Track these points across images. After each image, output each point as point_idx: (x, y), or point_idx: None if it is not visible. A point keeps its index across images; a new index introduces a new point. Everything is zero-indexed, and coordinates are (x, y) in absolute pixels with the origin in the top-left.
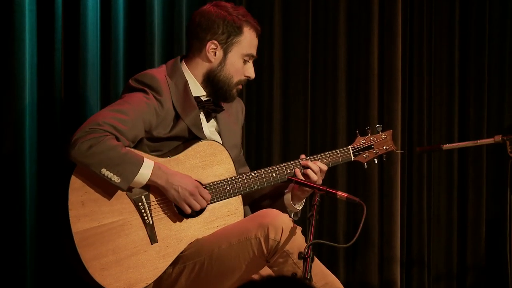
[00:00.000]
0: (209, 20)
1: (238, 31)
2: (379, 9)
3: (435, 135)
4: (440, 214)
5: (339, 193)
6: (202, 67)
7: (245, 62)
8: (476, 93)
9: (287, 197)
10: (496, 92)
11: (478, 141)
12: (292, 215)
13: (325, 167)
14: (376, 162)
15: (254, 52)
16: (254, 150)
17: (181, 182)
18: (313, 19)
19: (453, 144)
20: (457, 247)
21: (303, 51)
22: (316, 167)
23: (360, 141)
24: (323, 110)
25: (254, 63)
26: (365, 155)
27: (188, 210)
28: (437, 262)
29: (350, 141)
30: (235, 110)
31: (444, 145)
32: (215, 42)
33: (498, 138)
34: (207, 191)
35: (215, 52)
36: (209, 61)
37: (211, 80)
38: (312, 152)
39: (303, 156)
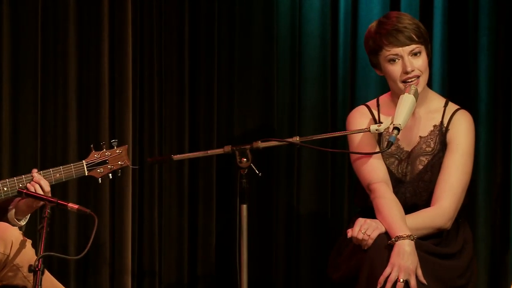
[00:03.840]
0: None
1: None
2: (109, 21)
3: (166, 146)
4: (171, 225)
5: (70, 204)
6: None
7: None
8: (206, 104)
9: (11, 213)
10: (225, 104)
11: (208, 152)
12: None
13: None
14: (110, 177)
15: None
16: None
17: None
18: (42, 30)
19: (184, 155)
20: (188, 257)
21: (33, 62)
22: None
23: (95, 156)
24: (53, 121)
25: None
26: (100, 170)
27: None
28: (168, 273)
29: (81, 152)
30: None
31: (175, 156)
32: None
33: (227, 148)
34: None
35: None
36: None
37: None
38: (43, 164)
39: (35, 170)
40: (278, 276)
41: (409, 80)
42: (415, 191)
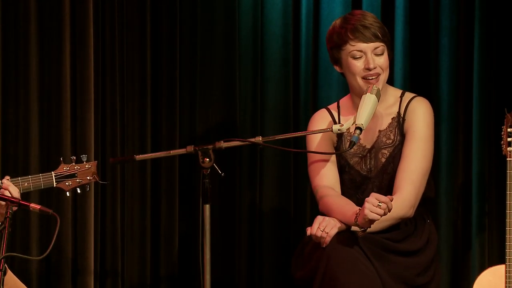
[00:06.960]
0: None
1: None
2: (70, 20)
3: (128, 146)
4: (134, 225)
5: (32, 205)
6: None
7: None
8: (168, 104)
9: None
10: (187, 104)
11: (171, 152)
12: None
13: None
14: (79, 191)
15: None
16: None
17: None
18: (3, 30)
19: (147, 155)
20: (151, 258)
21: None
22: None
23: (64, 168)
24: (14, 122)
25: None
26: (68, 183)
27: None
28: (130, 273)
29: (43, 153)
30: None
31: (138, 156)
32: None
33: (190, 148)
34: None
35: None
36: None
37: None
38: (4, 163)
39: (8, 177)
40: (241, 276)
41: (370, 78)
42: (381, 185)
